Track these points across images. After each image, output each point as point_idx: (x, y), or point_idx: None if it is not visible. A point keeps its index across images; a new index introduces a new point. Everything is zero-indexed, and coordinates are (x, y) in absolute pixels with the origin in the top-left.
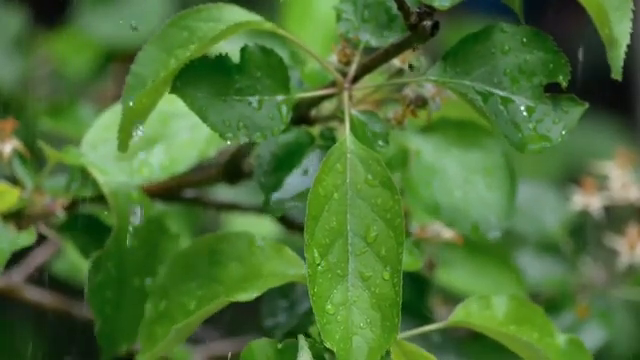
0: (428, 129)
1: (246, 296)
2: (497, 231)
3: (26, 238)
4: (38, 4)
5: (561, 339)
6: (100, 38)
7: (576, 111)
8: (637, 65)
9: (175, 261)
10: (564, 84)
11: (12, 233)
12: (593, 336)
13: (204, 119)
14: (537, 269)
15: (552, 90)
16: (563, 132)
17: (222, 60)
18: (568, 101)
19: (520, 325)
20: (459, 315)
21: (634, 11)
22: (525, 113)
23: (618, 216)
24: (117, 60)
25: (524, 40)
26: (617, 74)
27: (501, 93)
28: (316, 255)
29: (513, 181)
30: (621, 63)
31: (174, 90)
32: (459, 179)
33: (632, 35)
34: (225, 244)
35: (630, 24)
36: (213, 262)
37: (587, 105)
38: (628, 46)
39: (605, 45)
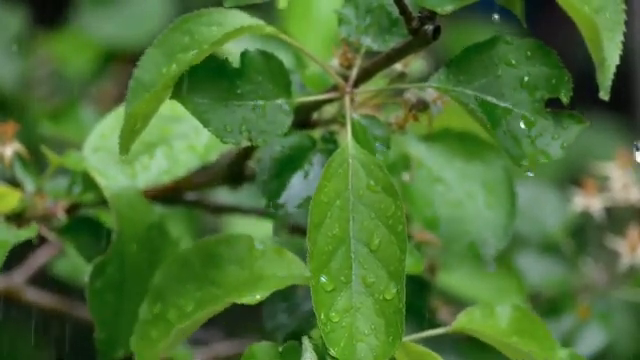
0: (430, 138)
1: (250, 298)
2: (493, 251)
3: (27, 233)
4: (38, 4)
5: (562, 354)
6: (100, 38)
7: (576, 128)
8: (637, 65)
9: (172, 263)
10: (565, 100)
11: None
12: (594, 337)
13: (206, 124)
14: (538, 270)
15: (553, 105)
16: (561, 148)
17: (223, 65)
18: (568, 117)
19: (522, 337)
20: (462, 322)
21: (632, 12)
22: (524, 126)
23: (619, 217)
24: (117, 60)
25: (528, 53)
26: (605, 94)
27: (502, 105)
28: (319, 262)
29: (513, 200)
30: (609, 83)
31: (175, 96)
32: (460, 193)
33: (631, 35)
34: (224, 247)
35: (621, 46)
36: (212, 265)
37: (587, 123)
38: (627, 47)
39: (595, 64)
